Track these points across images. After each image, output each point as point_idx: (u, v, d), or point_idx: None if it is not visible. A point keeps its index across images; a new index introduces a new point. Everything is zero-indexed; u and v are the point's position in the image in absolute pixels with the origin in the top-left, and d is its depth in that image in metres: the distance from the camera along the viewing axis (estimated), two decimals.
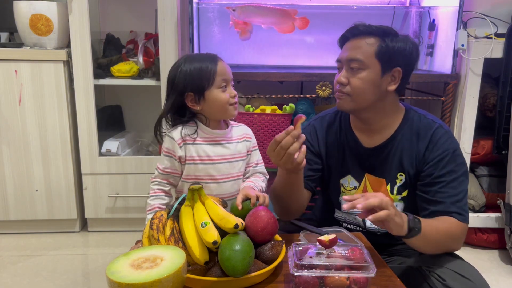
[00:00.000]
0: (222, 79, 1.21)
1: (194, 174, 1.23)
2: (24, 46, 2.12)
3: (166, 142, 1.23)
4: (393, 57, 1.17)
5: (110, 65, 2.20)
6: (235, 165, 1.26)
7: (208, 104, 1.21)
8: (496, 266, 2.03)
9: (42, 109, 2.11)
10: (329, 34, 2.33)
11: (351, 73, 1.18)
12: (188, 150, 1.21)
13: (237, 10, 1.93)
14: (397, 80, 1.20)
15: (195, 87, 1.19)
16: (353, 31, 1.20)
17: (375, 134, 1.25)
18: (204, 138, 1.23)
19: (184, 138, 1.21)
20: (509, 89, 2.02)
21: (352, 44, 1.19)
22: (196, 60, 1.21)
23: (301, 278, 0.89)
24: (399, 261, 1.26)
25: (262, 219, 0.99)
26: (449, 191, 1.15)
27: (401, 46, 1.17)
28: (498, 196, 2.12)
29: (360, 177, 1.28)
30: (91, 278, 1.87)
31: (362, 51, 1.17)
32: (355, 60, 1.17)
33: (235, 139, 1.28)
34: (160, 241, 0.95)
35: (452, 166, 1.17)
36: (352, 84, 1.18)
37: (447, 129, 1.22)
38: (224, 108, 1.22)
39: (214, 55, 1.24)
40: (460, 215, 1.14)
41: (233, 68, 2.27)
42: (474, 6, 2.23)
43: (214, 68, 1.20)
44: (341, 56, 1.22)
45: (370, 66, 1.16)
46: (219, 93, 1.20)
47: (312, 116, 2.07)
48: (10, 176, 2.16)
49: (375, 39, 1.17)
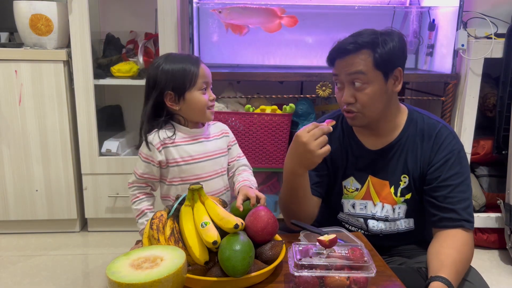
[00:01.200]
0: (204, 82, 1.21)
1: (180, 176, 1.23)
2: (24, 46, 2.12)
3: (144, 147, 1.22)
4: (390, 61, 1.15)
5: (110, 65, 2.20)
6: (218, 162, 1.27)
7: (187, 105, 1.21)
8: (496, 266, 2.03)
9: (42, 109, 2.11)
10: (329, 34, 2.33)
11: (355, 90, 1.15)
12: (169, 153, 1.22)
13: (223, 11, 1.94)
14: (400, 79, 1.19)
15: (176, 87, 1.19)
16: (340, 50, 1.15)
17: (379, 137, 1.24)
18: (183, 138, 1.23)
19: (163, 141, 1.21)
20: (509, 89, 2.02)
21: (345, 61, 1.15)
22: (178, 60, 1.22)
23: (301, 278, 0.89)
24: (399, 261, 1.26)
25: (262, 219, 0.99)
26: (459, 196, 1.14)
27: (392, 46, 1.14)
28: (498, 196, 2.12)
29: (363, 179, 1.27)
30: (91, 278, 1.87)
31: (360, 67, 1.12)
32: (357, 77, 1.13)
33: (214, 136, 1.29)
34: (160, 241, 0.95)
35: (458, 168, 1.16)
36: (360, 101, 1.15)
37: (451, 129, 1.22)
38: (202, 111, 1.23)
39: (196, 57, 1.25)
40: (469, 222, 1.13)
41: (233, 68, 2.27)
42: (474, 6, 2.23)
43: (196, 70, 1.20)
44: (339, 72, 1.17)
45: (373, 78, 1.13)
46: (200, 95, 1.21)
47: (312, 116, 2.07)
48: (10, 176, 2.16)
49: (367, 51, 1.13)
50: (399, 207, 1.24)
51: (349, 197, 1.28)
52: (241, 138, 1.98)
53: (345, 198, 1.29)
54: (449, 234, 1.12)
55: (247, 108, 1.96)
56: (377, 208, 1.25)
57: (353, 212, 1.28)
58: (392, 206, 1.24)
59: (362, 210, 1.27)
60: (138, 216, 1.26)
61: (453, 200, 1.14)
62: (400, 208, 1.24)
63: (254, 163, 2.02)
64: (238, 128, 1.96)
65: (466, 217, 1.13)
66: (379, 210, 1.25)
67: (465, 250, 1.09)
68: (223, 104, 2.04)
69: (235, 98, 2.07)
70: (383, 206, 1.25)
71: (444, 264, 1.03)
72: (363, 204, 1.27)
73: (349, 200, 1.28)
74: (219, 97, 2.06)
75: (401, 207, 1.24)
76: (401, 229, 1.26)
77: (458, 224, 1.12)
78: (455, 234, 1.12)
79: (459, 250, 1.08)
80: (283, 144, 1.98)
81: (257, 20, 1.99)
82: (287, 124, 1.95)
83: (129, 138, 2.37)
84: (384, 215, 1.25)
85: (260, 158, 2.01)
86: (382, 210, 1.25)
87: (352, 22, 2.31)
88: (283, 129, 1.96)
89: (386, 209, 1.24)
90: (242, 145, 1.99)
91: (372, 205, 1.26)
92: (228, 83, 2.13)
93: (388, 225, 1.26)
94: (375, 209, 1.25)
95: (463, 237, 1.11)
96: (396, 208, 1.24)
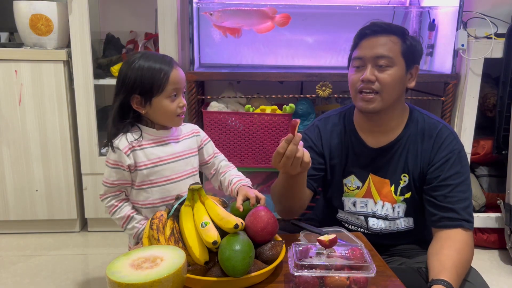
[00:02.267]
0: (173, 88, 1.16)
1: (149, 179, 1.19)
2: (24, 46, 2.12)
3: (110, 154, 1.18)
4: (414, 55, 1.19)
5: (110, 65, 2.20)
6: (188, 162, 1.24)
7: (153, 110, 1.17)
8: (496, 266, 2.03)
9: (42, 109, 2.11)
10: (329, 34, 2.32)
11: (378, 71, 1.16)
12: (137, 157, 1.17)
13: (214, 14, 1.94)
14: (414, 76, 1.22)
15: (143, 91, 1.14)
16: (374, 28, 1.18)
17: (381, 135, 1.25)
18: (150, 140, 1.19)
19: (131, 144, 1.17)
20: (509, 89, 2.02)
21: (375, 41, 1.17)
22: (151, 59, 1.16)
23: (301, 278, 0.89)
24: (399, 261, 1.26)
25: (262, 219, 0.99)
26: (458, 195, 1.15)
27: (417, 45, 1.20)
28: (498, 196, 2.12)
29: (364, 178, 1.27)
30: (91, 278, 1.87)
31: (389, 48, 1.16)
32: (384, 57, 1.15)
33: (183, 136, 1.26)
34: (160, 241, 0.95)
35: (458, 168, 1.17)
36: (381, 81, 1.16)
37: (452, 129, 1.22)
38: (170, 118, 1.18)
39: (170, 59, 1.19)
40: (469, 222, 1.13)
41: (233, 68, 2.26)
42: (474, 6, 2.23)
43: (167, 75, 1.14)
44: (363, 52, 1.18)
45: (397, 63, 1.16)
46: (167, 103, 1.16)
47: (312, 116, 2.08)
48: (10, 176, 2.16)
49: (397, 38, 1.17)
50: (399, 205, 1.24)
51: (350, 195, 1.28)
52: (241, 138, 1.98)
53: (346, 196, 1.29)
54: (449, 235, 1.12)
55: (247, 108, 1.96)
56: (377, 206, 1.26)
57: (354, 210, 1.28)
58: (392, 205, 1.24)
59: (363, 208, 1.27)
60: (125, 223, 1.21)
61: (452, 200, 1.14)
62: (400, 207, 1.24)
63: (254, 163, 2.02)
64: (238, 128, 1.96)
65: (465, 217, 1.13)
66: (379, 208, 1.25)
67: (465, 251, 1.09)
68: (223, 104, 2.04)
69: (235, 98, 2.07)
70: (384, 205, 1.25)
71: (445, 266, 1.03)
72: (364, 202, 1.27)
73: (350, 198, 1.28)
74: (219, 97, 2.06)
75: (401, 206, 1.25)
76: (400, 228, 1.26)
77: (457, 224, 1.12)
78: (455, 234, 1.12)
79: (460, 251, 1.08)
80: None
81: (249, 22, 1.98)
82: (287, 124, 1.95)
83: None
84: (384, 213, 1.25)
85: (260, 158, 2.01)
86: (383, 209, 1.25)
87: (352, 22, 2.30)
88: (283, 129, 1.96)
89: (386, 208, 1.25)
90: (242, 145, 1.99)
91: (373, 203, 1.26)
92: (228, 83, 2.13)
93: (388, 224, 1.26)
94: (375, 207, 1.26)
95: (463, 238, 1.11)
96: (396, 207, 1.24)
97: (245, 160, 2.01)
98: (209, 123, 1.97)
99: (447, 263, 1.04)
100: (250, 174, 2.16)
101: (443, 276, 1.00)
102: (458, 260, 1.06)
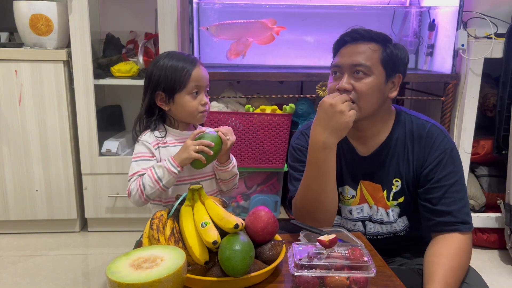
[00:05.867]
0: (195, 85, 1.19)
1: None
2: (24, 46, 2.12)
3: (139, 147, 1.20)
4: (395, 64, 1.15)
5: (110, 65, 2.20)
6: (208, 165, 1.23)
7: (176, 107, 1.20)
8: (496, 266, 2.03)
9: (42, 109, 2.11)
10: (329, 34, 2.33)
11: (354, 80, 1.12)
12: (161, 153, 1.21)
13: (210, 28, 1.93)
14: (397, 86, 1.17)
15: (166, 87, 1.18)
16: (353, 35, 1.15)
17: (369, 140, 1.21)
18: (174, 140, 1.23)
19: (157, 141, 1.21)
20: (509, 89, 2.02)
21: (354, 48, 1.14)
22: (175, 58, 1.20)
23: (301, 278, 0.89)
24: (400, 262, 1.26)
25: (262, 219, 0.99)
26: (453, 196, 1.12)
27: (399, 53, 1.15)
28: (498, 196, 2.12)
29: (355, 186, 1.25)
30: (91, 278, 1.87)
31: (367, 56, 1.11)
32: (361, 65, 1.11)
33: None
34: (160, 241, 0.95)
35: (451, 168, 1.14)
36: (358, 90, 1.11)
37: (442, 127, 1.19)
38: (192, 115, 1.21)
39: (194, 58, 1.22)
40: (466, 224, 1.11)
41: (233, 68, 2.26)
42: (474, 6, 2.23)
43: (189, 72, 1.18)
44: (341, 61, 1.15)
45: (375, 72, 1.12)
46: (189, 100, 1.19)
47: (312, 116, 2.07)
48: (10, 176, 2.16)
49: (377, 45, 1.13)
50: (392, 210, 1.23)
51: (346, 203, 1.27)
52: (241, 138, 1.97)
53: (342, 204, 1.28)
54: (445, 241, 1.10)
55: (247, 108, 1.96)
56: (372, 210, 1.25)
57: (351, 217, 1.27)
58: (385, 210, 1.23)
59: (359, 214, 1.26)
60: (153, 172, 1.16)
61: (447, 201, 1.12)
62: (393, 211, 1.23)
63: (254, 163, 2.02)
64: (238, 128, 1.96)
65: (463, 218, 1.11)
66: (374, 213, 1.24)
67: (459, 256, 1.07)
68: (223, 104, 2.04)
69: (235, 98, 2.07)
70: (378, 209, 1.24)
71: (435, 276, 1.02)
72: (360, 208, 1.26)
73: (346, 206, 1.27)
74: (219, 97, 2.06)
75: (394, 210, 1.23)
76: (398, 230, 1.25)
77: (454, 228, 1.10)
78: (451, 239, 1.10)
79: (453, 258, 1.06)
80: (283, 144, 1.98)
81: (248, 34, 1.97)
82: (287, 124, 1.95)
83: (129, 138, 2.37)
84: (379, 218, 1.24)
85: (260, 158, 2.01)
86: (377, 213, 1.24)
87: (352, 22, 2.28)
88: (283, 129, 1.96)
89: (380, 213, 1.24)
90: (242, 145, 1.99)
91: (368, 207, 1.25)
92: (228, 83, 2.13)
93: (384, 227, 1.25)
94: (371, 211, 1.25)
95: (458, 242, 1.09)
96: (390, 212, 1.23)
97: (245, 160, 2.01)
98: (209, 123, 1.97)
99: (438, 272, 1.03)
100: (250, 174, 2.17)
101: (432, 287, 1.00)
102: (449, 268, 1.04)
